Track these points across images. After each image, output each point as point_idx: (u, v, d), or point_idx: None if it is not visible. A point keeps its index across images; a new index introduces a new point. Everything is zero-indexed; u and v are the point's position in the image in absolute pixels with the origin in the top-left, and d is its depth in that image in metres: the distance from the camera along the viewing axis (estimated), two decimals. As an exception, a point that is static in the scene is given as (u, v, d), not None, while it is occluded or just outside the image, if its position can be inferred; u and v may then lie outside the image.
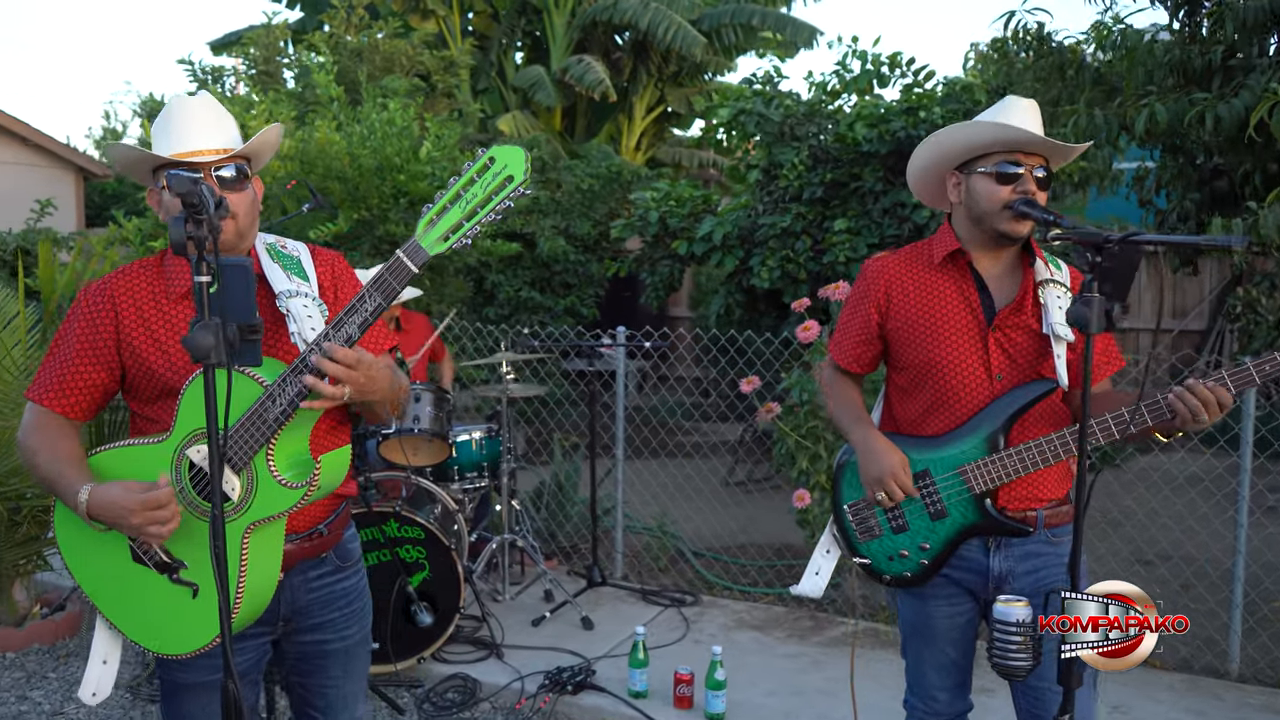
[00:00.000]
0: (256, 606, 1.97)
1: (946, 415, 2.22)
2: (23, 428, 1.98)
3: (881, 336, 2.33)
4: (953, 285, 2.24)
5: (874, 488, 2.19)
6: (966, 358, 2.20)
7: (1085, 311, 1.82)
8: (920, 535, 2.23)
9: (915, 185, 2.38)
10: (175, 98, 2.05)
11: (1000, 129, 2.14)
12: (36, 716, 3.67)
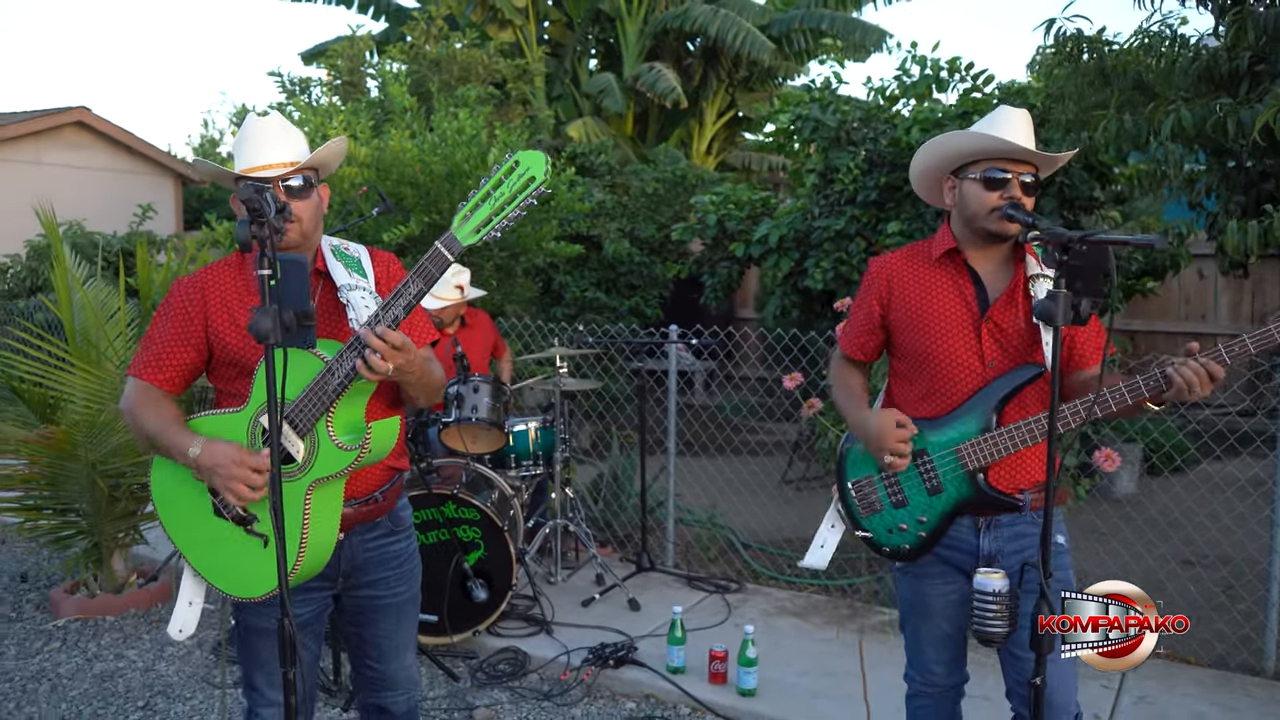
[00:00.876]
0: (318, 560, 2.25)
1: (942, 399, 2.40)
2: (125, 399, 2.30)
3: (884, 327, 2.51)
4: (949, 280, 2.42)
5: (881, 455, 2.36)
6: (961, 346, 2.38)
7: (1050, 306, 1.99)
8: (918, 510, 2.41)
9: (917, 186, 2.56)
10: (250, 117, 2.35)
11: (986, 139, 2.31)
12: (131, 672, 4.06)
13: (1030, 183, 2.34)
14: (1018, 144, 2.29)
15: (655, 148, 10.93)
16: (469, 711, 3.68)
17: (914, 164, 2.51)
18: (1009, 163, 2.32)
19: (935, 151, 2.43)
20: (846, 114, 6.80)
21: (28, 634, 4.45)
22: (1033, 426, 2.29)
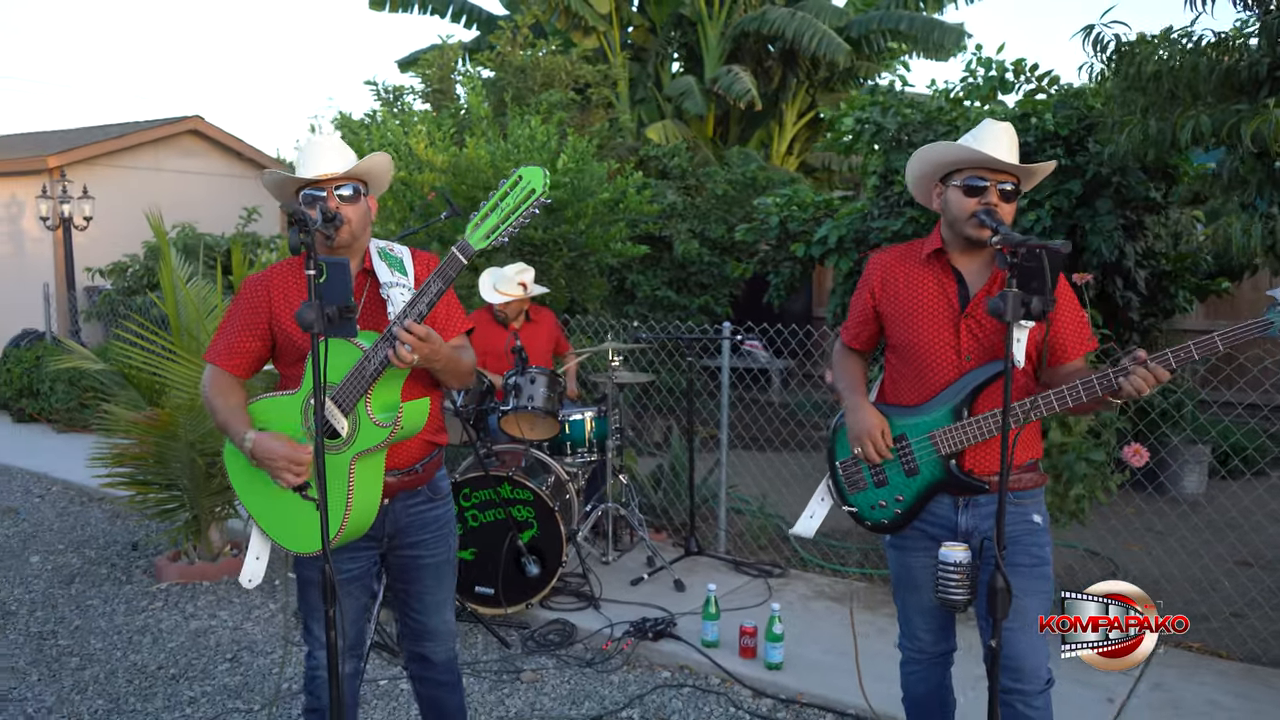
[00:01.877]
0: (363, 523, 2.59)
1: (923, 388, 2.62)
2: (203, 383, 2.69)
3: (876, 319, 2.74)
4: (933, 278, 2.63)
5: (856, 444, 2.62)
6: (940, 340, 2.59)
7: (1000, 304, 2.20)
8: (896, 489, 2.64)
9: (913, 190, 2.78)
10: (310, 136, 2.71)
11: (965, 150, 2.52)
12: (222, 630, 4.52)
13: (1009, 190, 2.54)
14: (992, 155, 2.50)
15: (730, 149, 11.15)
16: (517, 674, 4.02)
17: (908, 170, 2.73)
18: (989, 172, 2.52)
19: (924, 160, 2.65)
20: (907, 117, 6.92)
21: (135, 595, 4.98)
22: (999, 416, 2.49)
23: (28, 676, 4.03)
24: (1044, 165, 2.64)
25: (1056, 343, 2.59)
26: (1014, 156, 2.55)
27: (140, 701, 3.80)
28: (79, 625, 4.58)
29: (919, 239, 2.77)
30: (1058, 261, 2.27)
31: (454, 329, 2.72)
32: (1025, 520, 2.60)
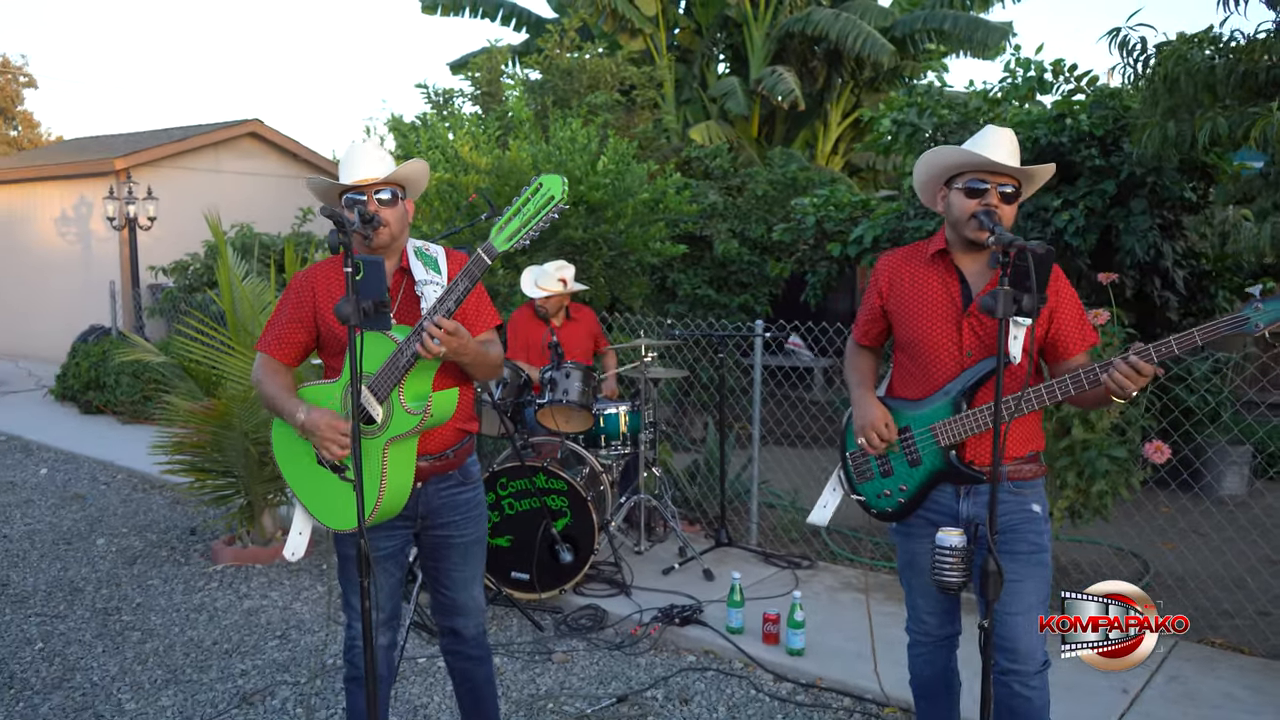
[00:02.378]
0: (396, 503, 2.79)
1: (926, 383, 2.74)
2: (254, 369, 2.90)
3: (884, 317, 2.87)
4: (938, 277, 2.76)
5: (860, 436, 2.75)
6: (943, 336, 2.71)
7: (991, 302, 2.33)
8: (900, 479, 2.76)
9: (920, 194, 2.90)
10: (352, 143, 2.91)
11: (966, 154, 2.64)
12: (273, 609, 4.77)
13: (1009, 193, 2.65)
14: (992, 159, 2.61)
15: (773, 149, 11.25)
16: (548, 655, 4.20)
17: (914, 174, 2.86)
18: (989, 175, 2.64)
19: (928, 164, 2.78)
20: (944, 118, 7.00)
21: (193, 576, 5.25)
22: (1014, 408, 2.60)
23: (93, 648, 4.30)
24: (1044, 168, 2.74)
25: (1058, 339, 2.69)
26: (1014, 160, 2.66)
27: (196, 673, 4.05)
28: (140, 603, 4.86)
29: (924, 240, 2.90)
30: (1044, 262, 2.38)
31: (483, 324, 2.90)
32: (1024, 509, 2.71)
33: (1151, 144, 4.16)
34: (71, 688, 3.92)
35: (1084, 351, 2.72)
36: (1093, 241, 6.10)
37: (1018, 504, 2.70)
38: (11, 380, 12.37)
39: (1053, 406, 3.87)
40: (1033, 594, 2.67)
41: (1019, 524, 2.68)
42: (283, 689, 3.89)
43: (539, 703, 3.77)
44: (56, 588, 5.07)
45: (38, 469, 7.87)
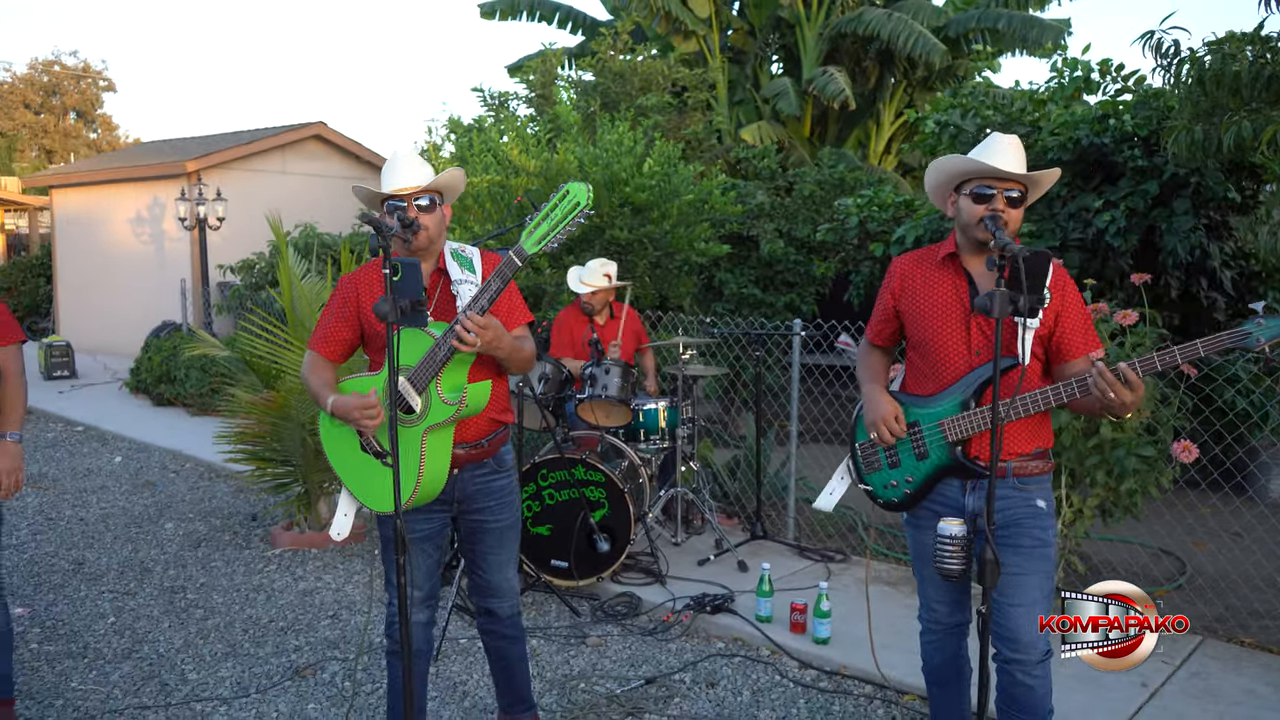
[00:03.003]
0: (433, 488, 2.99)
1: (935, 380, 2.86)
2: (303, 365, 3.13)
3: (896, 317, 3.00)
4: (948, 279, 2.87)
5: (871, 429, 2.89)
6: (952, 336, 2.83)
7: (987, 302, 2.45)
8: (907, 471, 2.89)
9: (933, 199, 3.02)
10: (394, 151, 3.11)
11: (971, 162, 2.76)
12: (326, 591, 5.03)
13: (1015, 197, 2.76)
14: (996, 166, 2.73)
15: (822, 150, 11.31)
16: (583, 639, 4.39)
17: (926, 180, 2.98)
18: (995, 181, 2.75)
19: (939, 171, 2.90)
20: (988, 119, 7.03)
21: (253, 559, 5.55)
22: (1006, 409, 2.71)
23: (160, 623, 4.60)
24: (1049, 173, 2.85)
25: (1061, 342, 2.79)
26: (1020, 166, 2.77)
27: (253, 647, 4.32)
28: (204, 583, 5.16)
29: (936, 244, 3.01)
30: (1037, 264, 2.49)
31: (516, 321, 3.09)
32: (1029, 504, 2.81)
33: (1178, 147, 4.19)
34: (139, 658, 4.21)
35: (1084, 356, 2.79)
36: (1134, 242, 6.09)
37: (1023, 499, 2.81)
38: (90, 373, 12.95)
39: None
40: (1036, 587, 2.77)
41: (1023, 518, 2.79)
42: (332, 664, 4.14)
43: (571, 682, 3.96)
44: (128, 567, 5.40)
45: (113, 457, 8.30)
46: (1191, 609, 4.73)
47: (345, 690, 3.89)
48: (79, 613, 4.73)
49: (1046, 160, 6.52)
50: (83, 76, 47.46)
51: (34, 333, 17.45)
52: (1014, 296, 2.46)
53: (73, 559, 5.55)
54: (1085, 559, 5.18)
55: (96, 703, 3.79)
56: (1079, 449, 4.54)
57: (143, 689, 3.91)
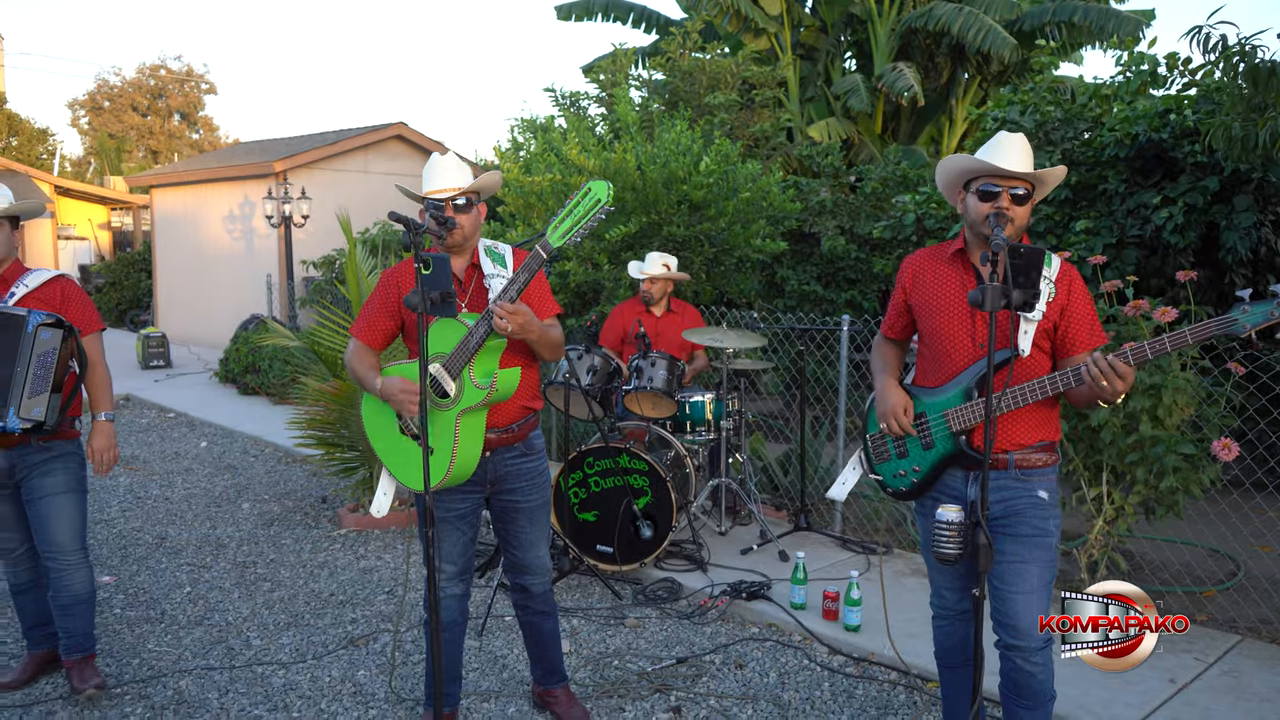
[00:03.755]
0: (466, 469, 3.19)
1: (942, 372, 2.96)
2: (347, 351, 3.37)
3: (908, 311, 3.10)
4: (956, 275, 2.97)
5: (881, 421, 3.00)
6: (958, 330, 2.92)
7: (979, 296, 2.54)
8: (914, 460, 2.99)
9: (945, 196, 3.12)
10: (434, 155, 3.33)
11: (976, 161, 2.85)
12: (385, 569, 5.31)
13: (1021, 195, 2.85)
14: (999, 165, 2.81)
15: (889, 146, 11.27)
16: (621, 620, 4.57)
17: (937, 179, 3.08)
18: (1001, 179, 2.84)
19: (946, 170, 2.99)
20: (1048, 114, 6.99)
21: (320, 538, 5.87)
22: (1003, 399, 2.80)
23: (230, 594, 4.93)
24: (1055, 171, 2.92)
25: (1067, 336, 2.86)
26: (1025, 165, 2.85)
27: (313, 618, 4.61)
28: (273, 559, 5.49)
29: (948, 241, 3.10)
30: (1029, 260, 2.58)
31: (545, 310, 3.28)
32: (1031, 495, 2.88)
33: (1217, 143, 4.16)
34: (210, 625, 4.53)
35: (1088, 350, 2.85)
36: (1191, 239, 6.01)
37: (1024, 490, 2.88)
38: (183, 363, 13.64)
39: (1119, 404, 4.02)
40: (1035, 576, 2.84)
41: (1024, 508, 2.86)
42: (384, 635, 4.40)
43: (606, 659, 4.14)
44: (205, 543, 5.77)
45: (199, 442, 8.78)
46: (1237, 610, 4.69)
47: (393, 659, 4.14)
48: (159, 582, 5.09)
49: (1105, 157, 6.47)
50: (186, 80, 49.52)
51: (134, 325, 18.39)
52: (1006, 290, 2.55)
53: (156, 534, 5.95)
54: (1129, 557, 5.16)
55: (169, 663, 4.11)
56: (1119, 446, 4.54)
57: (210, 652, 4.23)
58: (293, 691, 3.85)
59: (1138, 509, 4.74)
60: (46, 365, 3.50)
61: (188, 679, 3.95)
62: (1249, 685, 3.82)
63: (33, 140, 39.75)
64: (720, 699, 3.79)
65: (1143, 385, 4.40)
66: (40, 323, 3.49)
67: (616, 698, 3.78)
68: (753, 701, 3.77)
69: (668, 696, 3.79)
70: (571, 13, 14.87)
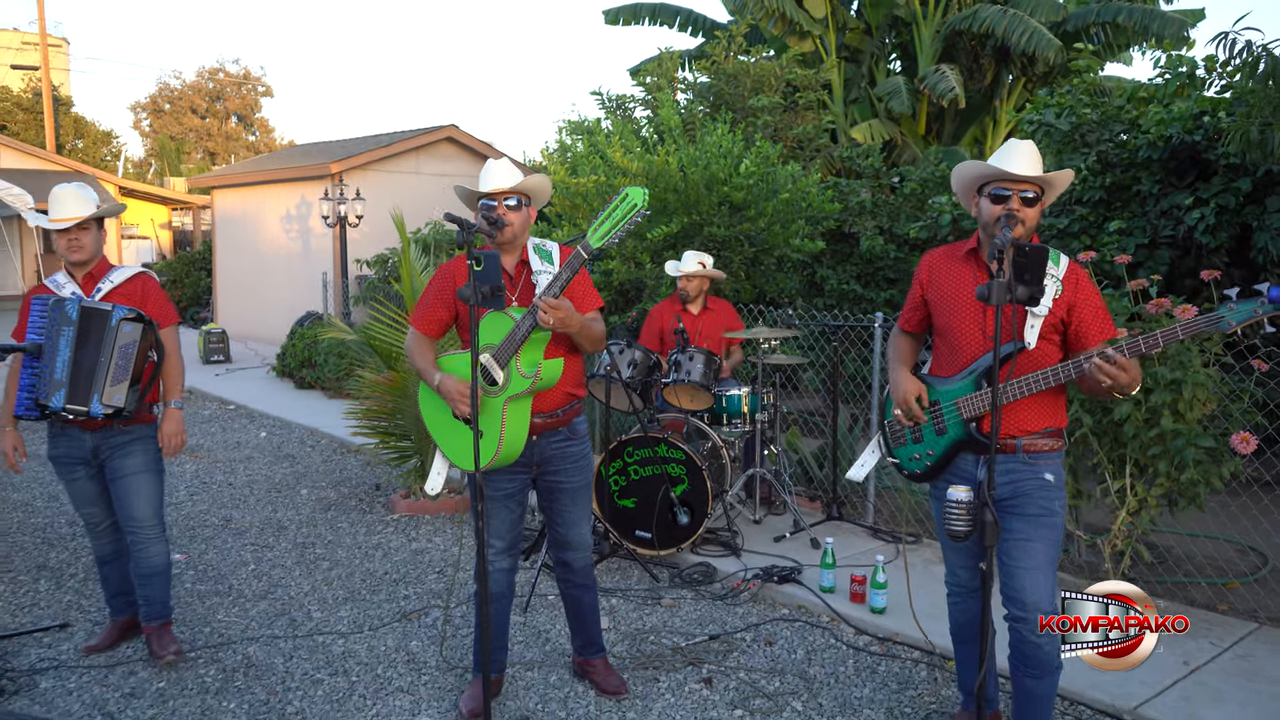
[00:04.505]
0: (513, 451, 3.46)
1: (955, 362, 3.16)
2: (407, 341, 3.66)
3: (924, 306, 3.30)
4: (969, 272, 3.17)
5: (896, 407, 3.21)
6: (970, 323, 3.13)
7: (986, 291, 2.74)
8: (928, 445, 3.20)
9: (960, 201, 3.32)
10: (490, 160, 3.60)
11: (987, 167, 3.05)
12: (435, 551, 5.61)
13: (1031, 198, 3.04)
14: (1009, 170, 3.01)
15: (929, 148, 11.38)
16: (658, 600, 4.81)
17: (953, 184, 3.28)
18: (1011, 183, 3.04)
19: (960, 176, 3.20)
20: (1084, 117, 7.10)
21: (374, 522, 6.19)
22: (1009, 388, 3.00)
23: (292, 572, 5.26)
24: (1063, 174, 3.11)
25: (1079, 330, 3.05)
26: (1034, 170, 3.04)
27: (369, 594, 4.92)
28: (331, 540, 5.82)
29: (962, 241, 3.31)
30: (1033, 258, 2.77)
31: (588, 305, 3.53)
32: (1037, 477, 3.08)
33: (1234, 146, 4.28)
34: (274, 598, 4.86)
35: (1099, 344, 3.03)
36: (1223, 239, 6.11)
37: (1031, 472, 3.08)
38: (242, 359, 14.16)
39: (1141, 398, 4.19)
40: (1041, 553, 3.03)
41: (1031, 490, 3.06)
42: (434, 610, 4.69)
43: (642, 634, 4.39)
44: (267, 525, 6.12)
45: (258, 432, 9.19)
46: (1259, 601, 4.81)
47: (443, 631, 4.42)
48: (225, 560, 5.44)
49: (1139, 159, 6.59)
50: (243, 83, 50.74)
51: (195, 321, 19.01)
52: (1012, 286, 2.75)
53: (222, 516, 6.31)
54: (1152, 548, 5.29)
55: (237, 631, 4.44)
56: (1142, 439, 4.69)
57: (275, 623, 4.54)
58: (351, 658, 4.15)
59: (1160, 501, 4.88)
60: (127, 356, 3.83)
61: (255, 646, 4.27)
62: (1262, 668, 3.96)
63: (97, 142, 40.99)
64: (749, 672, 4.02)
65: (1165, 380, 4.54)
66: (123, 317, 3.82)
67: (651, 669, 4.03)
68: (780, 675, 4.00)
69: (700, 669, 4.03)
70: (619, 17, 15.16)
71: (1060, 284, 3.06)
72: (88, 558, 5.36)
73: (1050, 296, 3.05)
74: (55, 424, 3.98)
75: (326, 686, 3.90)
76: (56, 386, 3.75)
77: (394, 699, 3.80)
